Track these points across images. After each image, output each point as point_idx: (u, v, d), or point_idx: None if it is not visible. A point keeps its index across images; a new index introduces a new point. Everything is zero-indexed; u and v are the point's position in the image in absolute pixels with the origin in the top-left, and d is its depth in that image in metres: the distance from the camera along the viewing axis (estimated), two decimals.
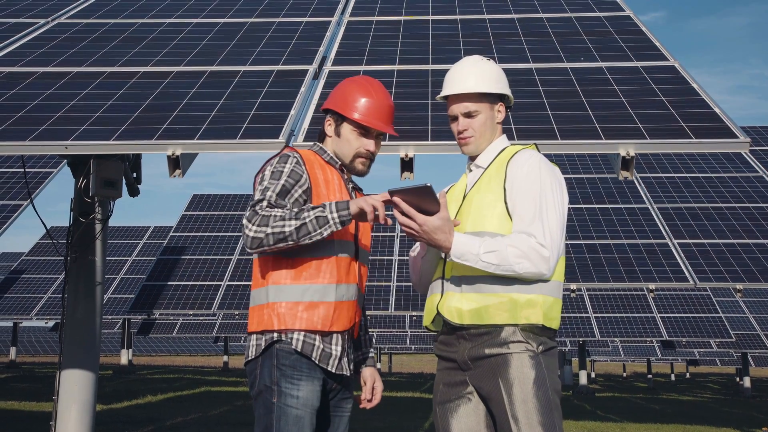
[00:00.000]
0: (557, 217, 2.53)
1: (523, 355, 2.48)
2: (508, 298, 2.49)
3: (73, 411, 4.66)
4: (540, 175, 2.56)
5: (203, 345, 48.53)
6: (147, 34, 4.63)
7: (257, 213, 2.49)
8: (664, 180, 9.89)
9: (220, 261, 14.31)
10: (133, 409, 11.28)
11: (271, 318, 2.59)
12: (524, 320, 2.49)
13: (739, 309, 22.17)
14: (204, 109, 3.48)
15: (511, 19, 4.67)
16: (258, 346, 2.60)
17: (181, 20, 4.88)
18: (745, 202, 9.35)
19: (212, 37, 4.52)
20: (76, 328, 4.71)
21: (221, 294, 13.57)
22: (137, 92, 3.73)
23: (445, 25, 4.65)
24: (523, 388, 2.45)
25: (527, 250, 2.45)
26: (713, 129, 3.07)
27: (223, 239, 15.00)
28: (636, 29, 4.37)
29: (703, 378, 36.55)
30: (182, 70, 4.00)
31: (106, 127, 3.31)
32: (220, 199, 16.43)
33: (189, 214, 15.92)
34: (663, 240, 8.70)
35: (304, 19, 4.81)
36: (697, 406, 16.41)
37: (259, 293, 2.66)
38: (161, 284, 14.10)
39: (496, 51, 4.13)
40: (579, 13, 4.66)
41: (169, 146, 3.15)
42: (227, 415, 10.75)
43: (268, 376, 2.56)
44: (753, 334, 21.51)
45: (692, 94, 3.45)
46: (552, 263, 2.49)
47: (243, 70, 3.98)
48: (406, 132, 3.20)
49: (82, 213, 4.74)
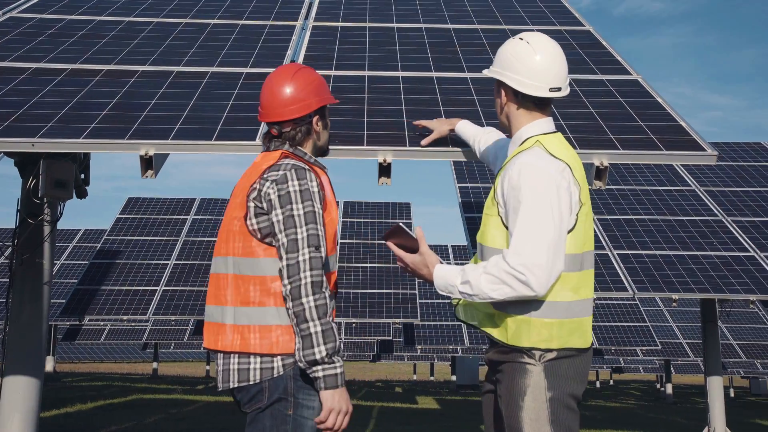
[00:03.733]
0: (540, 231, 2.38)
1: (517, 365, 2.48)
2: (501, 315, 2.52)
3: (16, 420, 4.50)
4: (519, 187, 2.44)
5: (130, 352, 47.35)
6: (106, 32, 4.52)
7: (322, 289, 2.39)
8: (603, 192, 10.14)
9: (156, 265, 14.00)
10: (63, 418, 10.93)
11: (289, 340, 2.46)
12: (512, 341, 2.49)
13: (664, 318, 22.90)
14: (175, 109, 3.42)
15: (475, 30, 4.73)
16: (266, 370, 2.46)
17: (140, 19, 4.78)
18: (679, 215, 9.66)
19: (175, 37, 4.44)
20: (21, 333, 4.55)
21: (157, 299, 13.29)
22: (102, 90, 3.63)
23: (410, 33, 4.68)
24: (510, 399, 2.48)
25: (503, 276, 2.38)
26: (680, 141, 3.18)
27: (159, 243, 14.69)
28: (597, 43, 4.48)
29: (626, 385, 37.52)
30: (148, 70, 3.91)
31: (73, 125, 3.21)
32: (156, 203, 16.08)
33: (124, 218, 15.54)
34: (603, 251, 8.92)
35: (267, 22, 4.77)
36: (624, 412, 16.85)
37: (265, 313, 2.48)
38: (94, 288, 13.73)
39: (464, 61, 4.18)
40: (541, 26, 4.75)
41: (142, 146, 3.08)
42: (163, 424, 10.52)
43: (283, 388, 2.46)
44: (676, 342, 22.23)
45: (657, 107, 3.55)
46: (538, 281, 2.36)
47: (211, 71, 3.92)
48: (383, 137, 3.21)
49: (30, 214, 4.60)
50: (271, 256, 2.49)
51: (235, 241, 2.55)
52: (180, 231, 15.22)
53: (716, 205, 9.89)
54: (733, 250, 8.88)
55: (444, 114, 3.45)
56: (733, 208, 9.82)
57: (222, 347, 2.53)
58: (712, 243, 9.02)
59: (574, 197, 2.47)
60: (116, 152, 3.06)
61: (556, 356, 2.46)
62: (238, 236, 2.54)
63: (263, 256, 2.50)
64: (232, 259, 2.54)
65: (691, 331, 22.47)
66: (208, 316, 2.60)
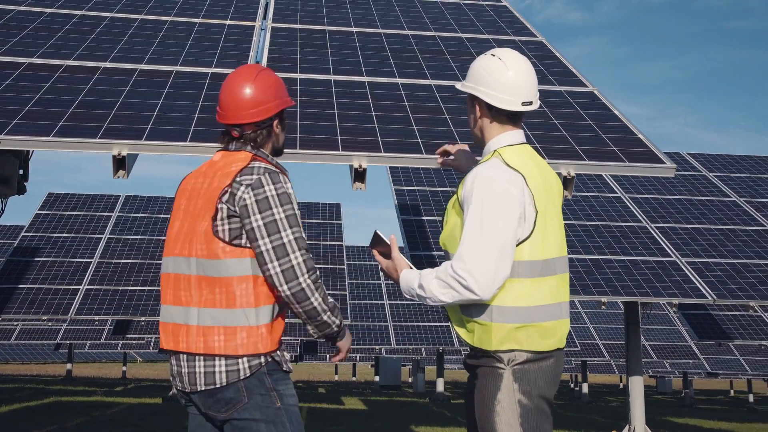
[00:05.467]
0: (484, 238, 2.49)
1: (488, 369, 2.58)
2: (467, 319, 2.63)
3: None
4: (471, 196, 2.56)
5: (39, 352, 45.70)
6: (60, 25, 4.39)
7: (320, 283, 2.53)
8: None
9: (79, 264, 13.60)
10: None
11: (255, 342, 2.49)
12: (478, 343, 2.59)
13: (582, 320, 23.62)
14: (144, 108, 3.37)
15: (433, 37, 4.81)
16: (232, 372, 2.47)
17: (94, 13, 4.66)
18: (607, 221, 10.02)
19: (133, 34, 4.36)
20: None
21: (80, 298, 12.90)
22: (65, 87, 3.54)
23: (369, 38, 4.72)
24: (482, 403, 2.57)
25: (448, 280, 2.51)
26: (641, 154, 3.32)
27: (82, 241, 14.27)
28: (551, 55, 4.62)
29: None
30: (110, 67, 3.83)
31: (40, 123, 3.13)
32: (79, 199, 15.58)
33: (44, 214, 15.02)
34: None
35: (226, 21, 4.73)
36: None
37: (231, 314, 2.49)
38: (11, 287, 13.23)
39: (426, 68, 4.25)
40: (496, 35, 4.87)
41: (115, 146, 3.03)
42: (86, 427, 10.23)
43: (262, 385, 2.48)
44: (593, 343, 22.96)
45: (615, 119, 3.70)
46: (480, 286, 2.48)
47: (175, 70, 3.87)
48: (358, 143, 3.24)
49: None
50: (236, 257, 2.49)
51: (199, 242, 2.53)
52: (104, 228, 14.82)
53: (640, 212, 10.30)
54: (657, 256, 9.26)
55: (413, 121, 3.51)
56: (656, 215, 10.24)
57: (186, 348, 2.52)
58: (638, 248, 9.39)
59: (527, 206, 2.56)
60: (89, 152, 3.00)
61: (525, 359, 2.56)
62: (203, 238, 2.53)
63: (228, 257, 2.50)
64: (196, 260, 2.53)
65: (607, 332, 23.26)
66: (167, 316, 2.58)
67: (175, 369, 2.55)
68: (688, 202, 10.87)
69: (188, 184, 2.65)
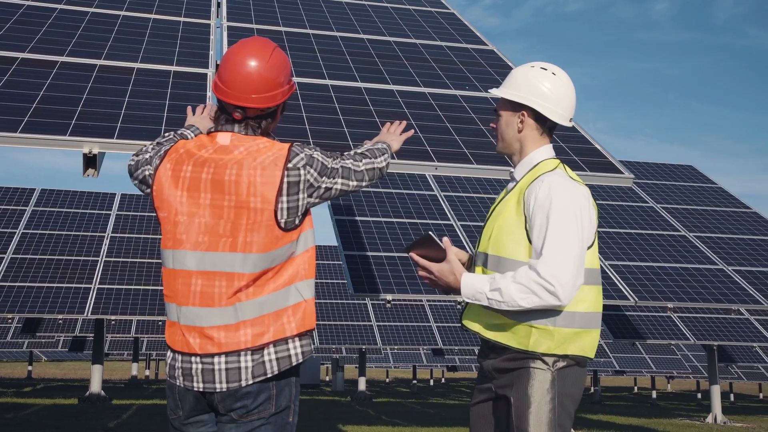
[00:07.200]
0: (567, 245, 2.53)
1: (531, 371, 2.60)
2: (518, 323, 2.61)
3: None
4: (550, 203, 2.57)
5: None
6: (7, 16, 4.24)
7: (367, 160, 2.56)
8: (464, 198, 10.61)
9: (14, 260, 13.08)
10: None
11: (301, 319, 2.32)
12: (533, 347, 2.60)
13: None
14: (110, 106, 3.30)
15: (389, 42, 4.86)
16: (275, 362, 2.30)
17: (42, 4, 4.51)
18: None
19: (87, 27, 4.24)
20: None
21: None
22: (24, 81, 3.43)
23: (326, 41, 4.73)
24: (522, 403, 2.59)
25: (532, 286, 2.51)
26: (600, 164, 3.46)
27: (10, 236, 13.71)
28: (503, 63, 4.73)
29: (456, 383, 39.10)
30: (68, 61, 3.73)
31: (4, 118, 3.03)
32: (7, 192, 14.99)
33: None
34: None
35: (180, 18, 4.66)
36: (464, 409, 17.61)
37: (277, 297, 2.30)
38: None
39: (386, 72, 4.30)
40: (448, 42, 4.95)
41: (86, 144, 2.96)
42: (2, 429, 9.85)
43: (288, 394, 2.37)
44: None
45: (573, 130, 3.83)
46: (564, 292, 2.51)
47: (137, 67, 3.79)
48: (330, 147, 3.26)
49: None
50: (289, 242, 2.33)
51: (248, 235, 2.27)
52: (18, 223, 14.27)
53: None
54: None
55: (380, 125, 3.55)
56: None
57: (226, 349, 2.28)
58: None
59: (593, 218, 2.69)
60: (58, 149, 2.93)
61: (567, 364, 2.63)
62: (256, 229, 2.27)
63: (284, 244, 2.32)
64: (243, 256, 2.27)
65: None
66: (188, 319, 2.30)
67: (200, 368, 2.34)
68: (609, 207, 11.28)
69: (180, 172, 2.33)
